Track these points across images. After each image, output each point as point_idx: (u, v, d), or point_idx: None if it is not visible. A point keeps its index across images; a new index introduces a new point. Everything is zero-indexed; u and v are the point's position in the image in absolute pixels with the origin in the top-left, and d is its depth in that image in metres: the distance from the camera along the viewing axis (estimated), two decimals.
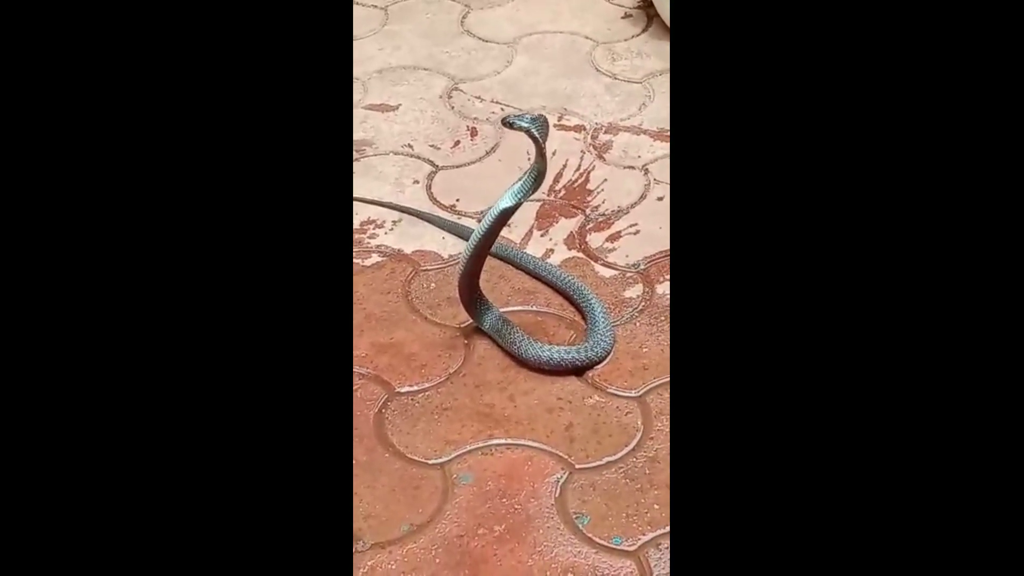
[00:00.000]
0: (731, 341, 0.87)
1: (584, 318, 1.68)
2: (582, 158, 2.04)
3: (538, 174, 1.55)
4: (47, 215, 0.86)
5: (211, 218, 0.88)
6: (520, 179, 1.56)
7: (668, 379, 1.57)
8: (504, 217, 1.56)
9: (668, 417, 1.51)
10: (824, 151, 0.86)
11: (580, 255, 1.82)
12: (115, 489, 0.85)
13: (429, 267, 1.80)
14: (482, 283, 1.64)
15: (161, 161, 0.88)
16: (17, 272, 0.85)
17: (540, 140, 1.52)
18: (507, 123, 1.53)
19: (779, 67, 0.87)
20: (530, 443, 1.48)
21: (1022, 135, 0.84)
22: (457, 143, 2.10)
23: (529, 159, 2.01)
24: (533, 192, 1.56)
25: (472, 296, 1.63)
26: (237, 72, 0.89)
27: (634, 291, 1.74)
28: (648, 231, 1.86)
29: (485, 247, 1.59)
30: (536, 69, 2.33)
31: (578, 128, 2.12)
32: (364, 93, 2.25)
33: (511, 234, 1.84)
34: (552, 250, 1.83)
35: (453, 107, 2.21)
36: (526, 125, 1.51)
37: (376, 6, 2.57)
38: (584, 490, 1.41)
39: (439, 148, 2.09)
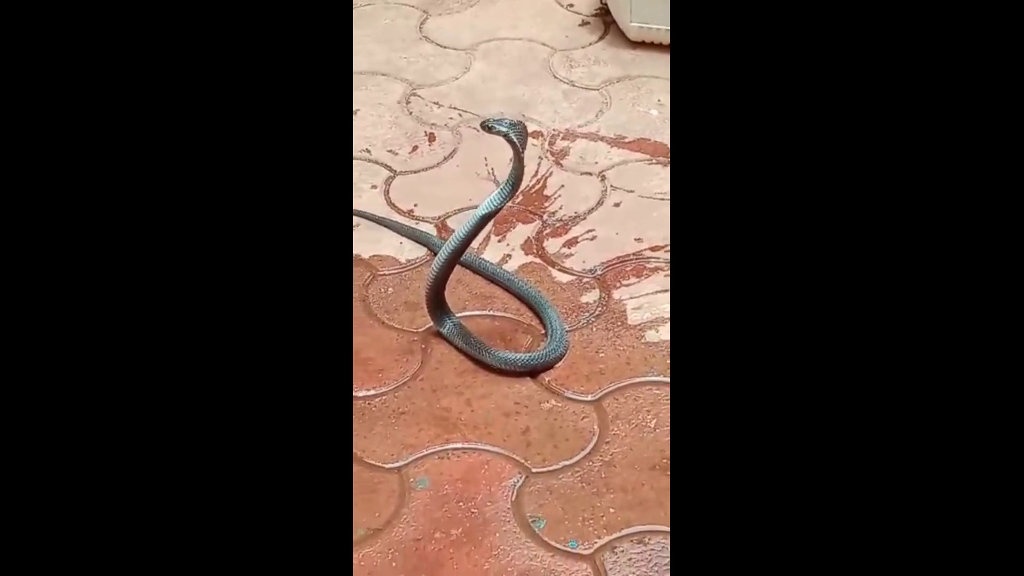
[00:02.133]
0: (730, 342, 0.87)
1: (541, 323, 1.69)
2: (539, 164, 2.05)
3: (515, 180, 1.56)
4: (46, 228, 0.86)
5: (207, 223, 0.88)
6: (499, 186, 1.57)
7: (623, 383, 1.58)
8: (482, 223, 1.57)
9: (623, 421, 1.52)
10: (822, 152, 0.87)
11: (537, 260, 1.82)
12: (110, 486, 0.85)
13: (386, 272, 1.80)
14: None
15: (160, 165, 0.88)
16: (17, 273, 0.85)
17: (518, 145, 1.53)
18: (485, 127, 1.54)
19: (778, 67, 0.88)
20: (487, 447, 1.49)
21: (1022, 135, 0.85)
22: (415, 148, 2.11)
23: (487, 164, 2.03)
24: (511, 198, 1.57)
25: (437, 300, 1.64)
26: (237, 79, 0.89)
27: (591, 296, 1.75)
28: (605, 237, 1.87)
29: (459, 252, 1.60)
30: (494, 75, 2.34)
31: (536, 134, 2.13)
32: None
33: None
34: (509, 255, 1.83)
35: (411, 112, 2.21)
36: (504, 130, 1.52)
37: None
38: (540, 494, 1.42)
39: (397, 153, 2.09)
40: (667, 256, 1.81)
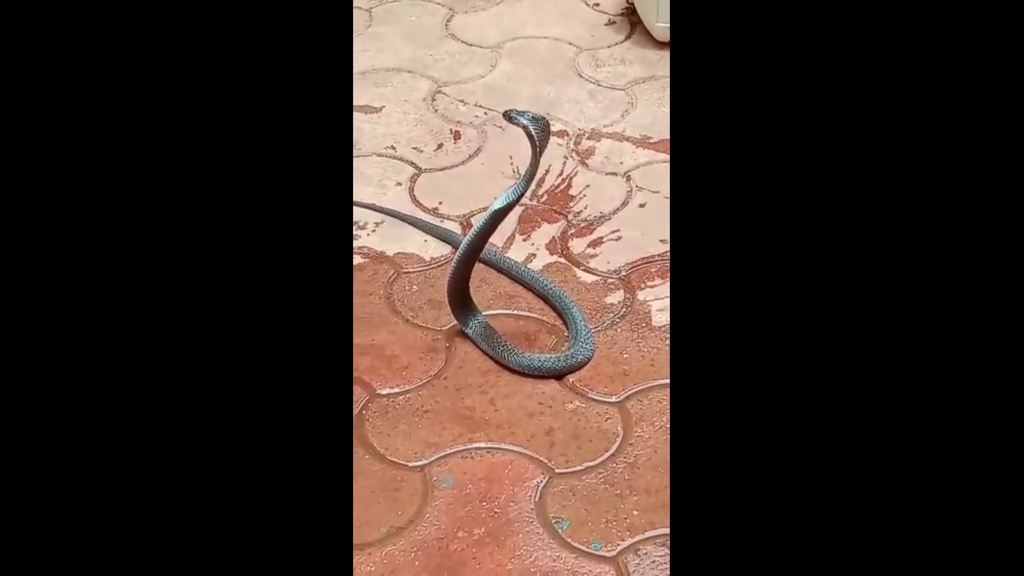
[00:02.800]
0: (730, 343, 0.87)
1: (565, 323, 1.68)
2: (565, 163, 2.05)
3: (530, 175, 1.55)
4: (46, 220, 0.85)
5: (210, 220, 0.88)
6: (516, 182, 1.57)
7: (648, 385, 1.57)
8: (497, 218, 1.57)
9: (647, 423, 1.51)
10: (823, 153, 0.87)
11: (562, 260, 1.82)
12: (111, 485, 0.85)
13: (411, 269, 1.80)
14: None
15: (160, 162, 0.87)
16: (17, 273, 0.85)
17: (536, 140, 1.52)
18: (508, 116, 1.54)
19: (778, 68, 0.88)
20: (510, 447, 1.48)
21: (1022, 135, 0.84)
22: (440, 146, 2.11)
23: (511, 163, 2.03)
24: (524, 193, 1.57)
25: (460, 298, 1.64)
26: (237, 75, 0.89)
27: (615, 297, 1.74)
28: (630, 237, 1.87)
29: (477, 248, 1.60)
30: (520, 74, 2.33)
31: (561, 133, 2.13)
32: None
33: (493, 238, 1.84)
34: (534, 255, 1.83)
35: (436, 110, 2.21)
36: (525, 122, 1.52)
37: (360, 8, 2.57)
38: (564, 495, 1.42)
39: (422, 151, 2.09)
40: None
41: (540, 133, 1.52)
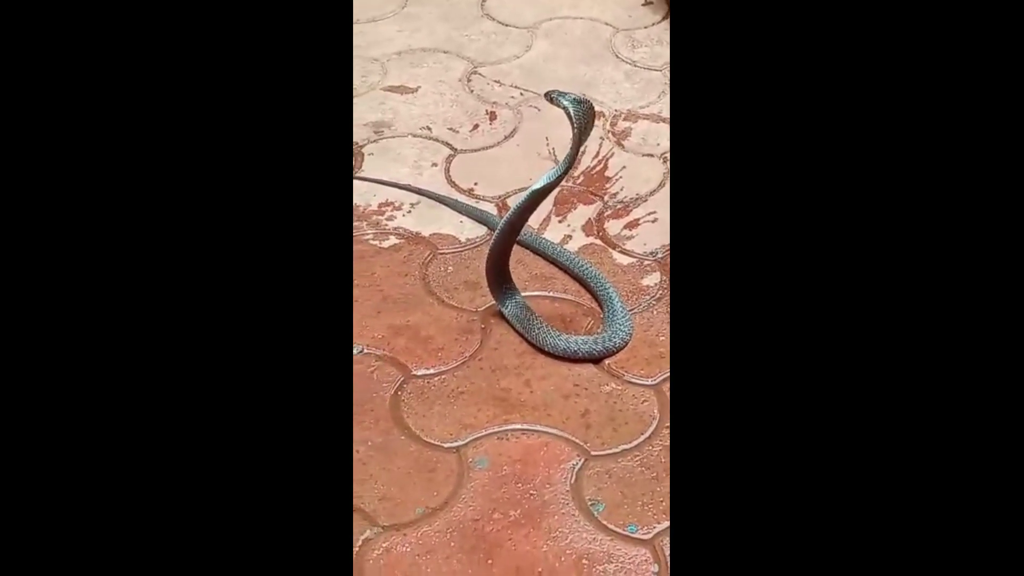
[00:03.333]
0: (730, 335, 0.87)
1: (600, 306, 1.67)
2: (601, 145, 2.04)
3: (572, 158, 1.54)
4: (28, 205, 0.86)
5: (210, 203, 0.88)
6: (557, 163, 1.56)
7: None
8: (537, 198, 1.56)
9: None
10: (821, 145, 0.86)
11: (598, 242, 1.81)
12: (109, 472, 0.85)
13: (447, 250, 1.80)
14: None
15: (160, 144, 0.87)
16: (15, 271, 0.85)
17: (573, 121, 1.51)
18: (549, 97, 1.53)
19: (778, 58, 0.87)
20: (546, 429, 1.48)
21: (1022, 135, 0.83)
22: (476, 127, 2.10)
23: (547, 143, 2.02)
24: (566, 174, 1.55)
25: (499, 278, 1.63)
26: (235, 57, 0.89)
27: (652, 279, 1.73)
28: (666, 219, 1.85)
29: (516, 227, 1.59)
30: (556, 54, 2.32)
31: (597, 114, 2.10)
32: (383, 75, 2.24)
33: (530, 219, 1.83)
34: (570, 236, 1.82)
35: (472, 90, 2.20)
36: (566, 104, 1.51)
37: None
38: (600, 477, 1.41)
39: (458, 131, 2.09)
40: None
41: (581, 116, 1.51)
